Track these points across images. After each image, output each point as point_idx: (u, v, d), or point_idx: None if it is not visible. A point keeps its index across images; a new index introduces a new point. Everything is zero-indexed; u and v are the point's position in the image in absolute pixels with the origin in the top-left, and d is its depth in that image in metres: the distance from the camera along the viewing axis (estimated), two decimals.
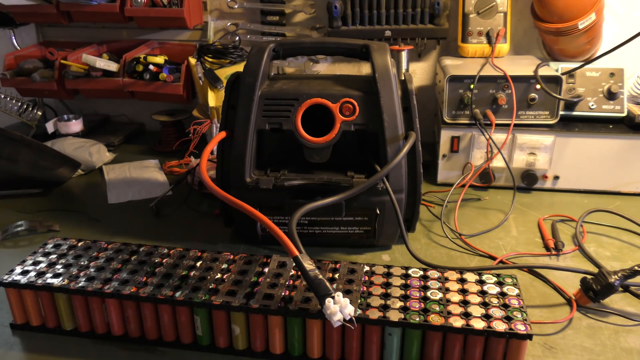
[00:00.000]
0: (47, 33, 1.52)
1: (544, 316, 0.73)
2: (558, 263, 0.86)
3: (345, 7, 1.23)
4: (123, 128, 1.51)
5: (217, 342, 0.67)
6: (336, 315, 0.57)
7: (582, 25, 1.08)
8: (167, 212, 1.04)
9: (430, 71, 1.37)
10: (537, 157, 1.08)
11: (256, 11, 1.35)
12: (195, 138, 1.23)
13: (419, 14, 1.23)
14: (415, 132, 0.83)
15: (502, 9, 1.19)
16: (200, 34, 1.41)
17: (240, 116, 0.83)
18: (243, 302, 0.64)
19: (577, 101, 1.09)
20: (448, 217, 1.00)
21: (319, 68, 1.36)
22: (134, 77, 1.30)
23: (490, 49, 1.18)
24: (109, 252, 0.75)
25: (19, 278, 0.69)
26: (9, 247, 0.93)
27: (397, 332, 0.61)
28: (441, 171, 1.14)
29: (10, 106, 1.38)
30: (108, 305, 0.68)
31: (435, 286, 0.66)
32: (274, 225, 0.64)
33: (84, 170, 1.23)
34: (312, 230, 0.87)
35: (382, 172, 0.79)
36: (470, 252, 0.89)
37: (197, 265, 0.71)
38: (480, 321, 0.60)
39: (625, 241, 0.92)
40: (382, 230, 0.86)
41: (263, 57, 0.85)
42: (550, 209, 1.03)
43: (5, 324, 0.72)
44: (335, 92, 0.83)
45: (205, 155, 0.80)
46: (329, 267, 0.71)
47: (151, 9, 1.26)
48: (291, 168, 0.85)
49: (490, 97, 1.07)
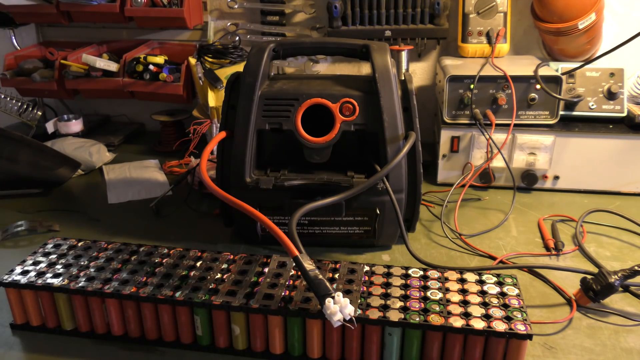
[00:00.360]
0: (47, 33, 1.52)
1: (544, 316, 0.73)
2: (558, 263, 0.86)
3: (345, 7, 1.23)
4: (123, 128, 1.51)
5: (217, 342, 0.67)
6: (336, 315, 0.57)
7: (582, 25, 1.08)
8: (167, 212, 1.04)
9: (430, 71, 1.37)
10: (537, 157, 1.08)
11: (256, 11, 1.35)
12: (195, 138, 1.23)
13: (419, 14, 1.23)
14: (415, 132, 0.83)
15: (502, 9, 1.19)
16: (200, 34, 1.41)
17: (240, 116, 0.83)
18: (243, 302, 0.64)
19: (577, 101, 1.09)
20: (448, 217, 1.00)
21: (319, 68, 1.36)
22: (134, 77, 1.30)
23: (490, 49, 1.18)
24: (109, 252, 0.75)
25: (19, 278, 0.69)
26: (9, 247, 0.93)
27: (397, 332, 0.61)
28: (441, 171, 1.14)
29: (10, 106, 1.38)
30: (108, 305, 0.68)
31: (435, 286, 0.66)
32: (274, 225, 0.64)
33: (84, 170, 1.24)
34: (312, 230, 0.87)
35: (382, 172, 0.79)
36: (470, 252, 0.89)
37: (197, 265, 0.71)
38: (480, 321, 0.60)
39: (625, 241, 0.92)
40: (382, 230, 0.86)
41: (263, 57, 0.85)
42: (550, 209, 1.03)
43: (5, 324, 0.72)
44: (335, 92, 0.83)
45: (205, 155, 0.80)
46: (329, 267, 0.71)
47: (151, 9, 1.26)
48: (291, 168, 0.85)
49: (490, 97, 1.07)
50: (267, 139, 0.88)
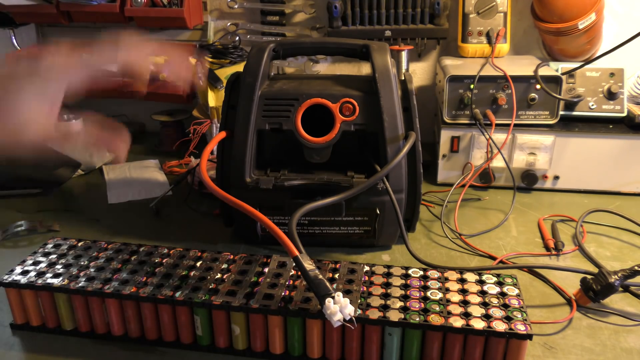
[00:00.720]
0: (47, 33, 1.52)
1: (544, 316, 0.73)
2: (558, 263, 0.86)
3: (345, 7, 1.23)
4: None
5: (217, 342, 0.67)
6: (336, 315, 0.57)
7: (582, 25, 1.08)
8: (167, 212, 1.04)
9: (430, 71, 1.37)
10: (537, 157, 1.08)
11: (256, 11, 1.35)
12: (195, 138, 1.23)
13: (419, 14, 1.23)
14: (415, 132, 0.83)
15: (502, 9, 1.19)
16: (200, 34, 1.41)
17: (240, 116, 0.83)
18: (243, 302, 0.64)
19: (577, 101, 1.09)
20: (448, 217, 1.00)
21: (319, 68, 1.36)
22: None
23: (490, 49, 1.18)
24: (109, 252, 0.75)
25: (19, 278, 0.69)
26: (9, 247, 0.93)
27: (397, 332, 0.61)
28: (441, 171, 1.14)
29: None
30: (108, 305, 0.68)
31: (435, 286, 0.66)
32: (274, 225, 0.64)
33: (84, 170, 1.23)
34: (312, 230, 0.87)
35: (382, 172, 0.79)
36: (470, 252, 0.89)
37: (197, 265, 0.71)
38: (480, 321, 0.60)
39: (625, 241, 0.92)
40: (382, 230, 0.86)
41: (263, 57, 0.85)
42: (550, 209, 1.03)
43: (5, 324, 0.72)
44: (335, 92, 0.83)
45: (205, 155, 0.80)
46: (329, 267, 0.71)
47: (151, 9, 1.26)
48: (291, 168, 0.85)
49: (490, 97, 1.07)
50: (267, 139, 0.88)
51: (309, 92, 0.83)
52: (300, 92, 0.83)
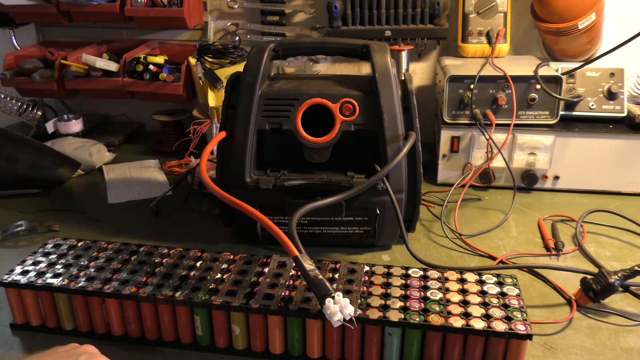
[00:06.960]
0: (47, 33, 1.52)
1: (544, 316, 0.73)
2: (558, 263, 0.86)
3: (345, 7, 1.23)
4: (123, 128, 1.50)
5: (217, 342, 0.67)
6: (336, 315, 0.57)
7: (582, 25, 1.08)
8: (167, 212, 1.04)
9: (430, 71, 1.37)
10: (537, 157, 1.08)
11: (256, 11, 1.35)
12: (195, 138, 1.23)
13: (419, 14, 1.23)
14: (415, 132, 0.83)
15: (502, 9, 1.19)
16: (200, 34, 1.41)
17: (240, 116, 0.83)
18: (243, 302, 0.64)
19: (577, 101, 1.09)
20: (448, 217, 1.00)
21: (319, 68, 1.36)
22: (134, 77, 1.30)
23: (490, 49, 1.18)
24: (109, 252, 0.75)
25: (19, 278, 0.69)
26: (9, 247, 0.93)
27: (397, 332, 0.61)
28: (441, 171, 1.14)
29: (10, 106, 1.38)
30: (108, 305, 0.68)
31: (435, 286, 0.66)
32: (274, 225, 0.64)
33: (84, 170, 1.23)
34: (312, 230, 0.87)
35: (382, 172, 0.79)
36: (470, 252, 0.89)
37: (197, 265, 0.71)
38: (480, 321, 0.60)
39: (625, 241, 0.92)
40: (382, 230, 0.86)
41: (263, 57, 0.85)
42: (550, 209, 1.03)
43: (5, 324, 0.72)
44: (335, 92, 0.83)
45: (205, 155, 0.80)
46: (329, 267, 0.71)
47: (151, 9, 1.26)
48: (291, 168, 0.85)
49: (490, 97, 1.07)
50: (267, 139, 0.88)
51: (309, 92, 0.83)
52: (300, 92, 0.83)
